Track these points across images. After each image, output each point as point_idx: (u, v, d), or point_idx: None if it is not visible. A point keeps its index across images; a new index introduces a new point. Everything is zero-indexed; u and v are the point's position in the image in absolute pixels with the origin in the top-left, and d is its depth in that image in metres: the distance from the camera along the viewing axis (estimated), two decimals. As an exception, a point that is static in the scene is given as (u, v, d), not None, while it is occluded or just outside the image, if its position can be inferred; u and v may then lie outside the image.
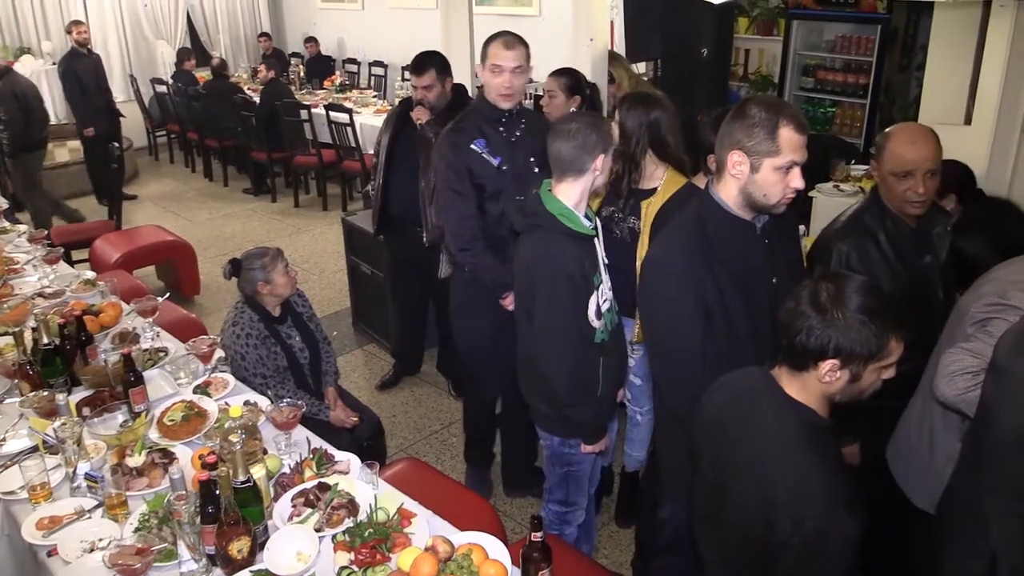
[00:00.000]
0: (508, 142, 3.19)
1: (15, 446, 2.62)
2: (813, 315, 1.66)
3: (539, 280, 2.47)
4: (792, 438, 1.72)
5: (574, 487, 2.83)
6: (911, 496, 2.41)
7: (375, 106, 8.54)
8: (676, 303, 2.14)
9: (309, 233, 7.57)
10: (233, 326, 3.13)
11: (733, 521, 1.84)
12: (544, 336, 2.50)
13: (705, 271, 2.10)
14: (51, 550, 2.15)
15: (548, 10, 8.44)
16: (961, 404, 2.10)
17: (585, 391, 2.56)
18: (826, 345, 1.65)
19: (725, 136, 2.07)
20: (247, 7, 11.93)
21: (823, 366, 1.67)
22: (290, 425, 2.60)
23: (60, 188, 8.45)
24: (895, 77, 7.28)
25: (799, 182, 2.02)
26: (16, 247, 4.42)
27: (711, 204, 2.14)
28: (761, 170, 2.00)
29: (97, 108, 8.06)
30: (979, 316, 2.20)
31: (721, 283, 2.11)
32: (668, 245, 2.23)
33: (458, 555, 1.97)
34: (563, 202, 2.44)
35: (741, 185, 2.06)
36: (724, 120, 2.09)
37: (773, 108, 1.98)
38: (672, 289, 2.15)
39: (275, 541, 2.06)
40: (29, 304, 3.54)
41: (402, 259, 4.47)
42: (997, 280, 2.24)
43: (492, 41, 3.08)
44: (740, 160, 2.02)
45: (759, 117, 1.97)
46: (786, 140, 1.96)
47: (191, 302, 5.90)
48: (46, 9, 10.29)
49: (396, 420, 4.42)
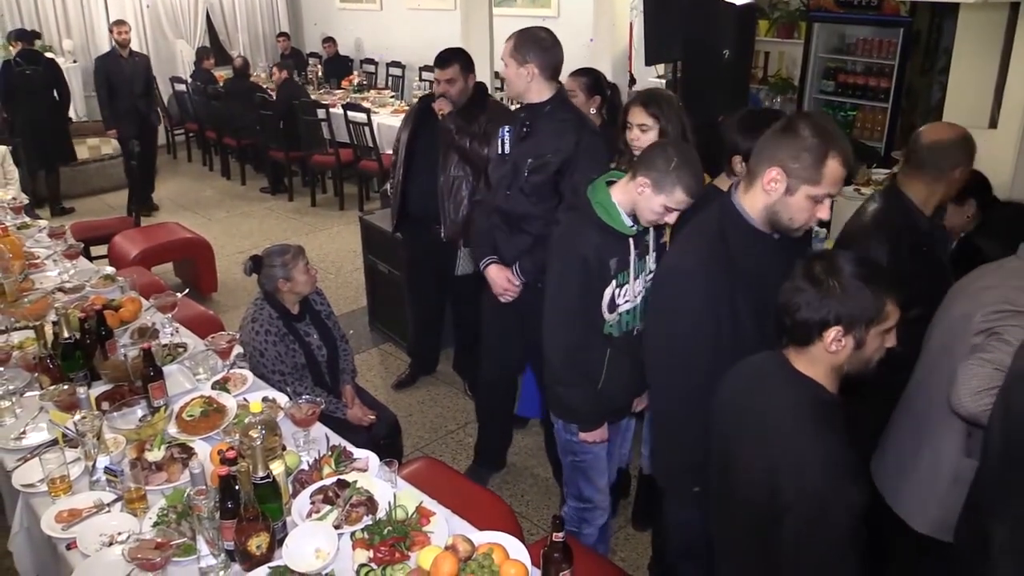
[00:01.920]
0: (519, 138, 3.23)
1: (35, 439, 2.63)
2: (810, 288, 1.74)
3: (556, 255, 2.62)
4: (799, 410, 1.78)
5: (584, 481, 2.85)
6: (910, 520, 2.36)
7: (393, 106, 8.54)
8: (690, 315, 2.14)
9: (326, 232, 7.58)
10: (252, 322, 3.13)
11: (739, 492, 1.88)
12: (548, 308, 2.64)
13: (723, 284, 2.09)
14: (70, 543, 2.16)
15: (566, 11, 8.44)
16: (983, 418, 2.07)
17: (581, 374, 2.63)
18: (827, 314, 1.72)
19: (768, 149, 2.03)
20: (266, 7, 11.98)
21: (828, 335, 1.73)
22: (309, 422, 2.59)
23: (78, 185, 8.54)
24: (917, 80, 7.23)
25: (826, 214, 2.02)
26: (36, 242, 4.45)
27: (733, 213, 2.12)
28: (796, 194, 1.98)
29: (126, 111, 7.76)
30: (986, 325, 2.17)
31: (736, 295, 2.10)
32: (688, 255, 2.21)
33: (479, 554, 1.96)
34: (611, 196, 2.50)
35: (770, 202, 2.03)
36: (770, 132, 2.05)
37: (826, 137, 1.94)
38: (687, 301, 2.15)
39: (294, 537, 2.06)
40: (50, 299, 3.55)
41: (419, 257, 4.47)
42: (997, 287, 2.23)
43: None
44: (778, 178, 1.99)
45: (810, 142, 1.94)
46: (831, 172, 1.95)
47: (208, 299, 5.91)
48: (68, 8, 10.38)
49: (412, 419, 4.42)
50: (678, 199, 2.37)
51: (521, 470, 3.99)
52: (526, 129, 3.18)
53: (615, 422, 2.86)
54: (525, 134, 3.18)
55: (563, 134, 3.10)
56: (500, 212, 3.27)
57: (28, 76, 7.45)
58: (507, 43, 3.12)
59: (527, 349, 3.37)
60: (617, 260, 2.53)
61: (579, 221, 2.55)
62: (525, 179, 3.15)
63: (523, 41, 3.07)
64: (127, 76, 7.75)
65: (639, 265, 2.59)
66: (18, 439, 2.64)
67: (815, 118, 2.04)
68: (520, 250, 3.21)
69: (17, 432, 2.67)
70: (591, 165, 2.95)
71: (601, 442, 2.76)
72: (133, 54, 7.94)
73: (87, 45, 10.55)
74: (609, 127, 3.87)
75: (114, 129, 7.77)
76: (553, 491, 3.73)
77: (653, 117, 2.93)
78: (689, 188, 2.35)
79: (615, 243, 2.52)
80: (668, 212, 2.41)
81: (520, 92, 3.15)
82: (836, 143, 1.95)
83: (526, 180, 3.14)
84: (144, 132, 7.89)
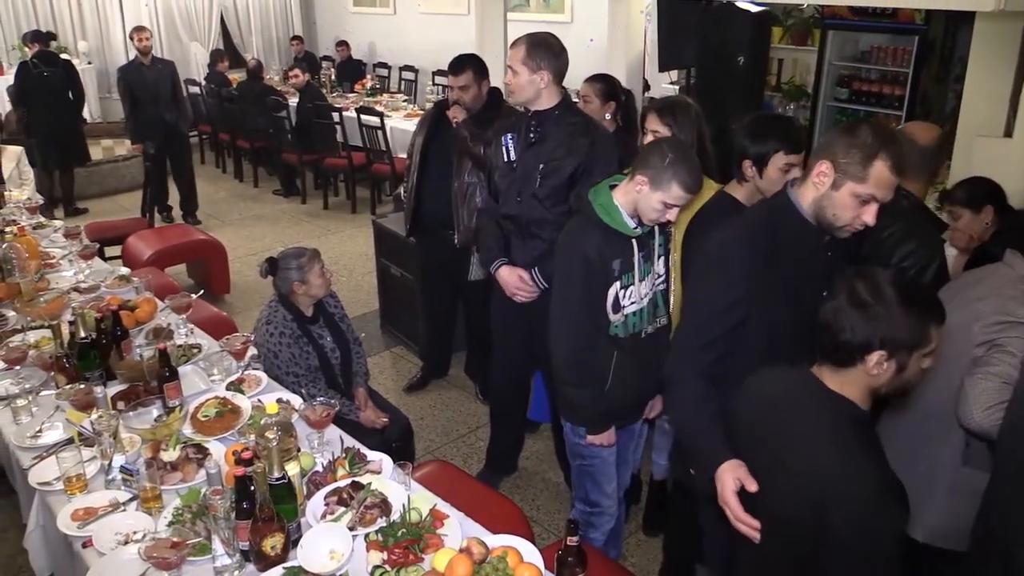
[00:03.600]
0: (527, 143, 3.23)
1: (51, 437, 2.65)
2: (854, 310, 1.70)
3: (560, 256, 2.67)
4: (840, 429, 1.74)
5: (591, 485, 2.86)
6: (908, 528, 2.35)
7: (405, 110, 8.58)
8: (722, 286, 2.15)
9: (338, 235, 7.61)
10: (266, 324, 3.14)
11: (778, 514, 1.84)
12: (553, 308, 2.68)
13: (763, 265, 2.10)
14: (86, 541, 2.17)
15: (580, 16, 8.45)
16: (994, 433, 2.08)
17: (587, 375, 2.65)
18: (872, 338, 1.69)
19: (825, 144, 2.06)
20: (280, 10, 12.06)
21: (871, 359, 1.70)
22: (323, 424, 2.60)
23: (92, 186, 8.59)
24: (932, 89, 7.19)
25: (871, 218, 2.01)
26: (52, 242, 4.48)
27: (787, 204, 2.14)
28: (841, 190, 2.00)
29: (150, 121, 7.30)
30: (987, 337, 2.18)
31: (773, 282, 2.10)
32: (736, 230, 2.24)
33: (493, 557, 1.96)
34: (613, 198, 2.53)
35: (817, 196, 2.06)
36: (833, 130, 2.10)
37: (880, 139, 1.97)
38: (721, 273, 2.17)
39: (309, 538, 2.06)
40: (65, 298, 3.58)
41: (432, 261, 4.48)
42: (991, 297, 2.24)
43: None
44: (826, 171, 2.02)
45: (864, 140, 1.96)
46: (877, 173, 1.96)
47: (221, 301, 5.93)
48: (83, 10, 10.46)
49: (424, 423, 4.42)
50: (675, 195, 2.40)
51: (532, 474, 3.99)
52: (534, 135, 3.19)
53: (624, 426, 2.85)
54: (534, 140, 3.19)
55: (575, 138, 3.11)
56: (511, 219, 3.27)
57: (47, 78, 7.50)
58: (516, 49, 3.10)
59: (536, 353, 3.37)
60: (621, 261, 2.55)
61: (582, 223, 2.59)
62: (538, 185, 3.16)
63: (535, 47, 3.07)
64: (150, 84, 7.34)
65: (645, 267, 2.60)
66: (34, 437, 2.66)
67: (882, 126, 2.09)
68: (533, 256, 3.21)
69: (34, 430, 2.69)
70: (606, 167, 2.97)
71: (609, 446, 2.76)
72: (156, 61, 7.58)
73: (102, 47, 10.65)
74: (623, 132, 3.88)
75: (139, 143, 7.23)
76: (564, 495, 3.73)
77: (666, 125, 2.94)
78: (684, 183, 2.38)
79: (618, 244, 2.55)
80: (668, 209, 2.44)
81: (530, 98, 3.14)
82: (888, 147, 1.96)
83: (539, 186, 3.15)
84: (173, 142, 7.53)
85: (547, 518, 3.67)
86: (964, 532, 2.23)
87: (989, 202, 3.19)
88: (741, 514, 1.91)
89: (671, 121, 2.93)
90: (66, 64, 7.89)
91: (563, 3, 8.73)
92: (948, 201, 3.11)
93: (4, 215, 4.82)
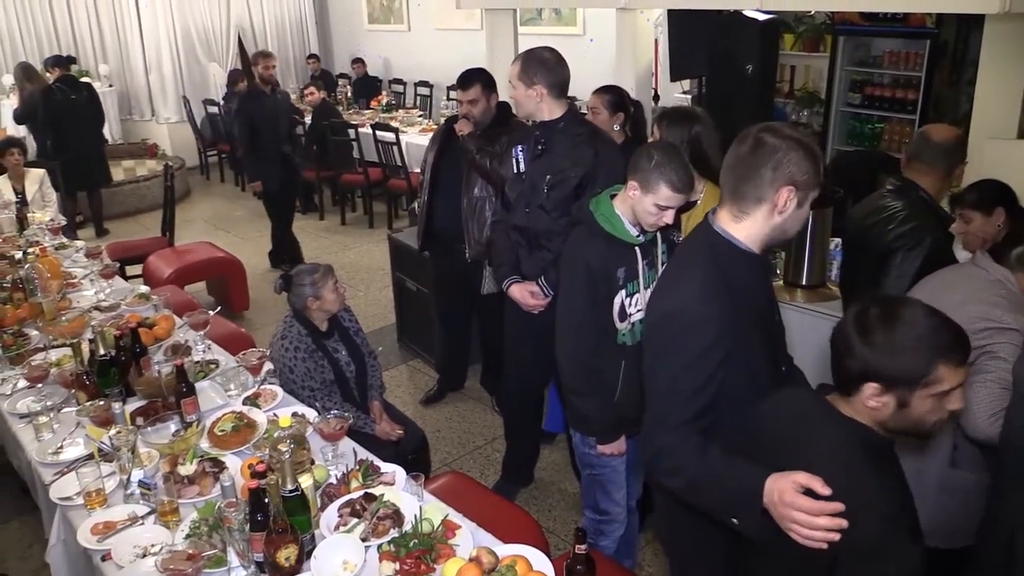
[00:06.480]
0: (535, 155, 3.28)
1: (72, 453, 2.70)
2: (856, 336, 1.60)
3: (565, 266, 2.72)
4: (850, 452, 1.64)
5: (601, 494, 2.87)
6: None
7: (421, 125, 8.66)
8: (698, 353, 1.86)
9: (355, 250, 7.67)
10: (282, 339, 3.19)
11: (788, 542, 1.73)
12: (558, 317, 2.73)
13: (731, 314, 1.88)
14: (105, 554, 2.21)
15: (593, 30, 8.49)
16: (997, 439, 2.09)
17: (594, 384, 2.67)
18: (865, 368, 1.59)
19: (762, 173, 1.83)
20: (296, 29, 12.19)
21: (865, 390, 1.61)
22: (337, 436, 2.63)
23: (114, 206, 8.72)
24: (944, 92, 7.15)
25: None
26: (74, 262, 4.57)
27: (724, 243, 1.94)
28: (805, 205, 1.87)
29: (270, 157, 6.57)
30: (975, 343, 2.17)
31: (743, 324, 1.91)
32: (688, 293, 1.93)
33: (502, 567, 1.98)
34: (614, 207, 2.57)
35: (778, 222, 1.88)
36: (744, 156, 1.87)
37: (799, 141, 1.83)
38: (696, 340, 1.86)
39: (322, 549, 2.09)
40: (86, 317, 3.65)
41: (446, 275, 4.51)
42: (971, 302, 2.25)
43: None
44: (790, 196, 1.83)
45: (806, 150, 1.81)
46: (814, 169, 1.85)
47: (240, 317, 6.01)
48: (104, 32, 10.64)
49: (440, 435, 4.45)
50: (665, 195, 2.43)
51: (548, 485, 4.00)
52: (541, 146, 3.23)
53: (635, 434, 2.86)
54: (540, 151, 3.23)
55: (580, 148, 3.16)
56: (519, 230, 3.31)
57: (73, 101, 7.66)
58: (513, 66, 3.20)
59: (548, 364, 3.39)
60: (625, 269, 2.58)
61: (584, 233, 2.63)
62: (545, 196, 3.19)
63: (528, 63, 3.16)
64: (270, 116, 6.58)
65: (649, 275, 2.63)
66: (55, 453, 2.71)
67: (770, 127, 1.88)
68: (541, 267, 3.25)
69: (55, 447, 2.74)
70: (609, 177, 3.00)
71: (619, 455, 2.77)
72: (275, 90, 6.81)
73: (123, 70, 10.80)
74: (632, 143, 3.90)
75: (259, 180, 6.59)
76: (580, 506, 3.74)
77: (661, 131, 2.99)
78: (672, 183, 2.41)
79: (622, 253, 2.58)
80: (662, 211, 2.46)
81: (531, 112, 3.24)
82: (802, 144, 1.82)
83: (546, 196, 3.19)
84: (291, 180, 6.91)
85: (563, 528, 3.68)
86: (953, 529, 2.25)
87: (1000, 204, 3.17)
88: (819, 505, 1.57)
89: (663, 126, 3.00)
90: (88, 88, 8.04)
91: (575, 16, 8.77)
92: (959, 204, 3.10)
93: (27, 236, 4.92)
